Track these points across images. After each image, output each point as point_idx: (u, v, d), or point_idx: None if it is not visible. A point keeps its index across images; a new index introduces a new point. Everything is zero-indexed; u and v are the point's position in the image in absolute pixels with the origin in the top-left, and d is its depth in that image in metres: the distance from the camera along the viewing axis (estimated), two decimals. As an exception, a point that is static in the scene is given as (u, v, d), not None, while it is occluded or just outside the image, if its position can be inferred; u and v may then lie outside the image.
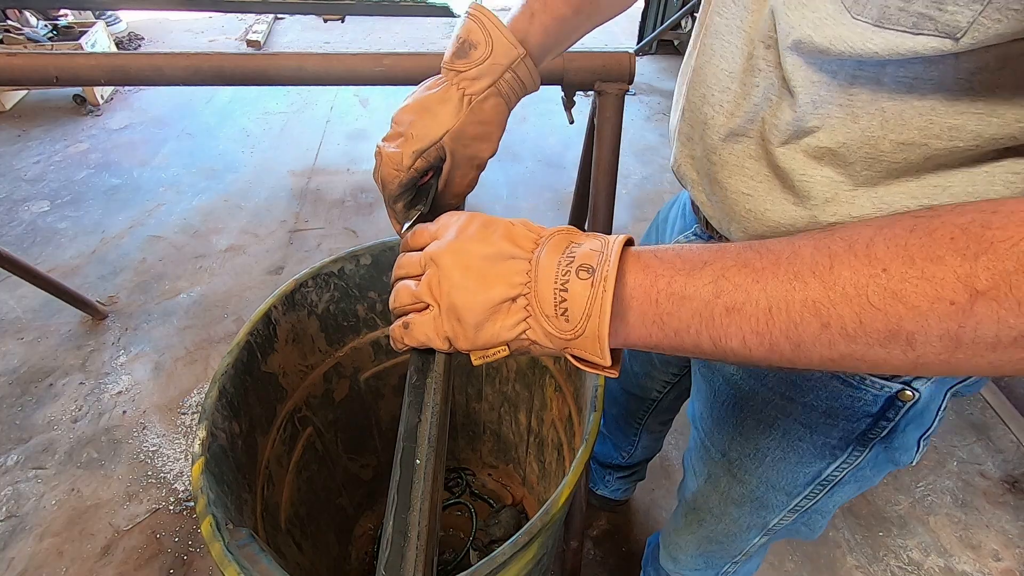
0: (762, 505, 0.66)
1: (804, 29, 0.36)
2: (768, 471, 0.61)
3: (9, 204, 2.25)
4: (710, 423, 0.66)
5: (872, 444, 0.53)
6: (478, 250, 0.36)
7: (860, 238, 0.28)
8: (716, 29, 0.44)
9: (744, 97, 0.44)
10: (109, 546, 1.30)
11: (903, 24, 0.31)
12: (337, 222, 2.22)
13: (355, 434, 1.09)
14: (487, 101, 0.48)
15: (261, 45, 3.43)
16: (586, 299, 0.33)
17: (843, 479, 0.58)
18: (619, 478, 1.30)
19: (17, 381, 1.63)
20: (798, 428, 0.55)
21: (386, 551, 0.34)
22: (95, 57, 0.90)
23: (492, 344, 0.37)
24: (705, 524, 0.76)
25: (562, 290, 0.34)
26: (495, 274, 0.35)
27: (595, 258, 0.33)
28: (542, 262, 0.35)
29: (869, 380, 0.48)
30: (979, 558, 1.33)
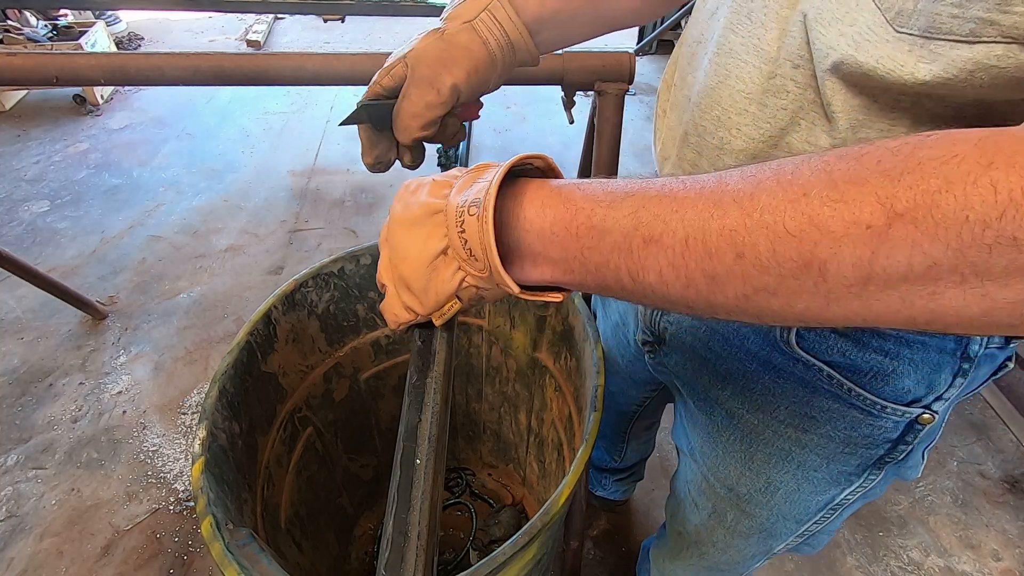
0: (770, 535, 0.64)
1: (844, 48, 0.33)
2: (780, 503, 0.58)
3: (9, 204, 2.25)
4: (713, 459, 0.62)
5: (887, 467, 0.52)
6: (409, 215, 0.36)
7: (788, 166, 0.26)
8: (731, 48, 0.41)
9: (768, 120, 0.41)
10: (109, 546, 1.30)
11: (957, 33, 0.29)
12: (337, 222, 2.22)
13: (355, 434, 1.09)
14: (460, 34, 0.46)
15: (261, 45, 3.43)
16: (478, 234, 0.32)
17: (853, 502, 0.57)
18: (616, 480, 1.30)
19: (17, 381, 1.63)
20: (814, 459, 0.53)
21: (386, 551, 0.34)
22: (95, 57, 0.90)
23: (442, 301, 0.37)
24: (707, 556, 0.74)
25: (461, 232, 0.33)
26: (425, 233, 0.35)
27: (484, 191, 0.32)
28: (449, 206, 0.34)
29: (890, 408, 0.46)
30: (979, 558, 1.33)
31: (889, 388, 0.44)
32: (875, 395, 0.45)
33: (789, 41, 0.38)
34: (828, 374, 0.46)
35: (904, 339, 0.42)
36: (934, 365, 0.43)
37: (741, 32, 0.41)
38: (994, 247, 0.20)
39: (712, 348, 0.54)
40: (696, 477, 0.68)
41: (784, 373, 0.49)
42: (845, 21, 0.33)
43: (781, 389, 0.50)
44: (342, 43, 3.64)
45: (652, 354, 0.65)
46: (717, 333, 0.53)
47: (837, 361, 0.45)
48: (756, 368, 0.50)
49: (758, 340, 0.49)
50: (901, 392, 0.44)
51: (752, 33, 0.40)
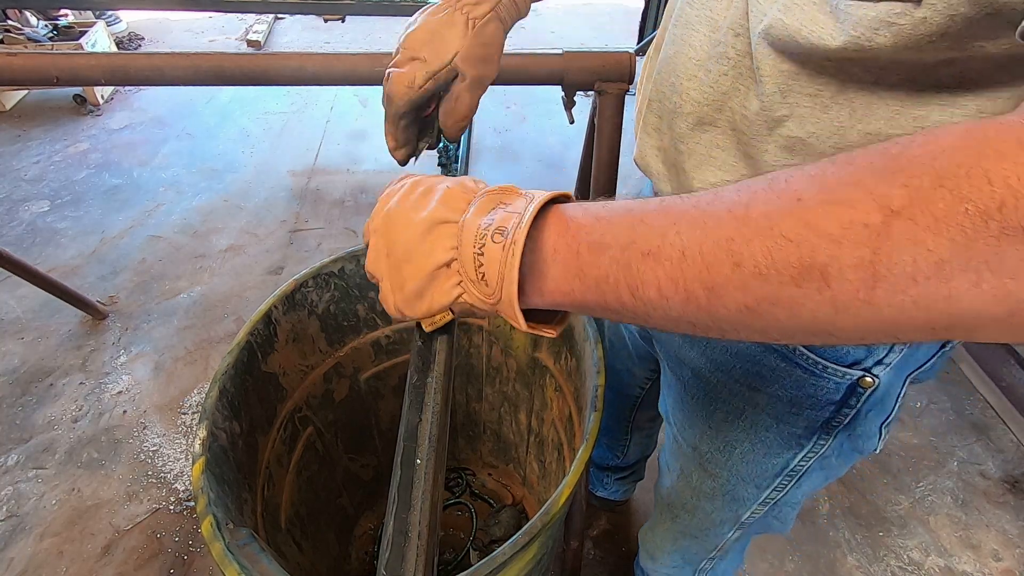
0: (733, 498, 0.67)
1: (774, 12, 0.36)
2: (738, 463, 0.62)
3: (9, 204, 2.25)
4: (680, 417, 0.67)
5: (836, 432, 0.54)
6: (416, 217, 0.36)
7: (782, 175, 0.26)
8: (687, 19, 0.45)
9: (711, 85, 0.44)
10: (109, 546, 1.30)
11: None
12: (337, 222, 2.22)
13: (355, 434, 1.09)
14: (489, 25, 0.49)
15: (261, 45, 3.43)
16: (498, 263, 0.32)
17: (810, 468, 0.59)
18: (617, 479, 1.30)
19: (17, 381, 1.64)
20: (765, 419, 0.56)
21: (386, 551, 0.34)
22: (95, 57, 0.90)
23: (434, 310, 0.37)
24: (679, 519, 0.77)
25: (479, 254, 0.33)
26: (431, 241, 0.35)
27: (512, 220, 0.32)
28: (467, 225, 0.34)
29: (831, 368, 0.48)
30: (979, 558, 1.33)
31: (830, 349, 0.47)
32: (816, 355, 0.48)
33: (733, 11, 0.41)
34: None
35: None
36: None
37: (696, 5, 0.44)
38: (1002, 238, 0.20)
39: None
40: (669, 439, 0.73)
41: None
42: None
43: (737, 348, 0.53)
44: (342, 43, 3.64)
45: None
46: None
47: None
48: None
49: None
50: (841, 353, 0.47)
51: (705, 4, 0.44)
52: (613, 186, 0.99)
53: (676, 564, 0.87)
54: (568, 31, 3.83)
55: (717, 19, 0.43)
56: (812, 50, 0.35)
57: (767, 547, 1.34)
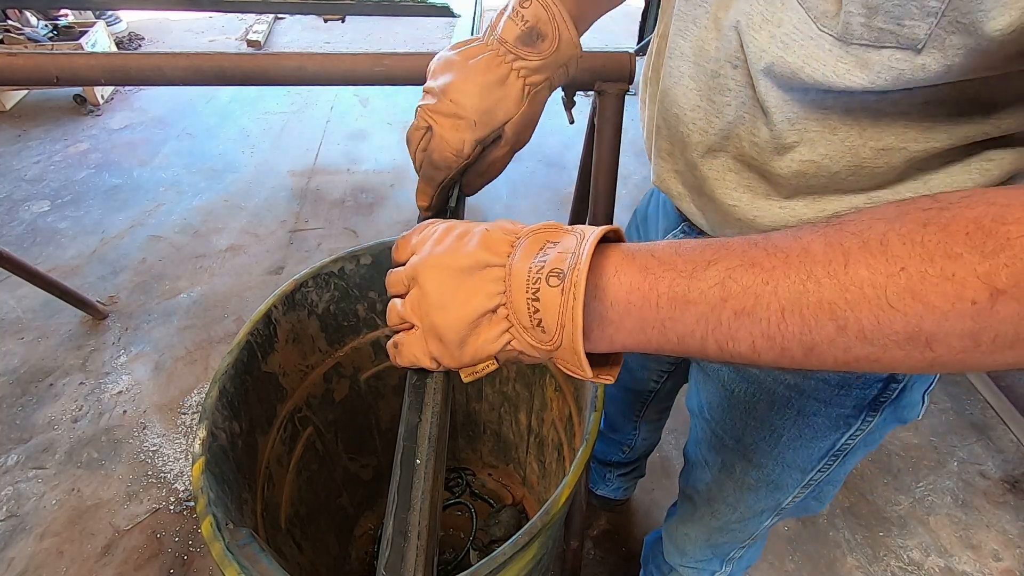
0: (777, 487, 0.66)
1: (774, 51, 0.37)
2: (784, 450, 0.61)
3: (9, 204, 2.25)
4: (720, 412, 0.65)
5: (883, 408, 0.54)
6: (453, 263, 0.34)
7: (873, 234, 0.26)
8: (681, 51, 0.45)
9: (716, 115, 0.45)
10: (109, 546, 1.30)
11: (866, 39, 0.33)
12: (337, 222, 2.23)
13: (355, 434, 1.09)
14: (541, 93, 0.47)
15: (261, 45, 3.43)
16: (558, 308, 0.30)
17: (855, 446, 0.59)
18: (620, 476, 1.31)
19: (17, 381, 1.64)
20: (813, 404, 0.55)
21: (386, 551, 0.34)
22: (95, 57, 0.90)
23: (478, 359, 0.35)
24: (719, 515, 0.76)
25: (534, 299, 0.31)
26: (471, 287, 0.33)
27: (566, 261, 0.31)
28: (515, 269, 0.32)
29: None
30: (979, 558, 1.33)
31: None
32: None
33: (726, 44, 0.41)
34: None
35: None
36: None
37: (688, 36, 0.44)
38: None
39: None
40: (706, 434, 0.70)
41: None
42: (773, 22, 0.37)
43: None
44: (342, 43, 3.64)
45: None
46: None
47: None
48: None
49: None
50: None
51: (697, 36, 0.43)
52: (613, 186, 0.99)
53: (706, 557, 0.86)
54: (568, 31, 3.82)
55: (709, 50, 0.42)
56: (815, 85, 0.36)
57: (767, 547, 1.34)
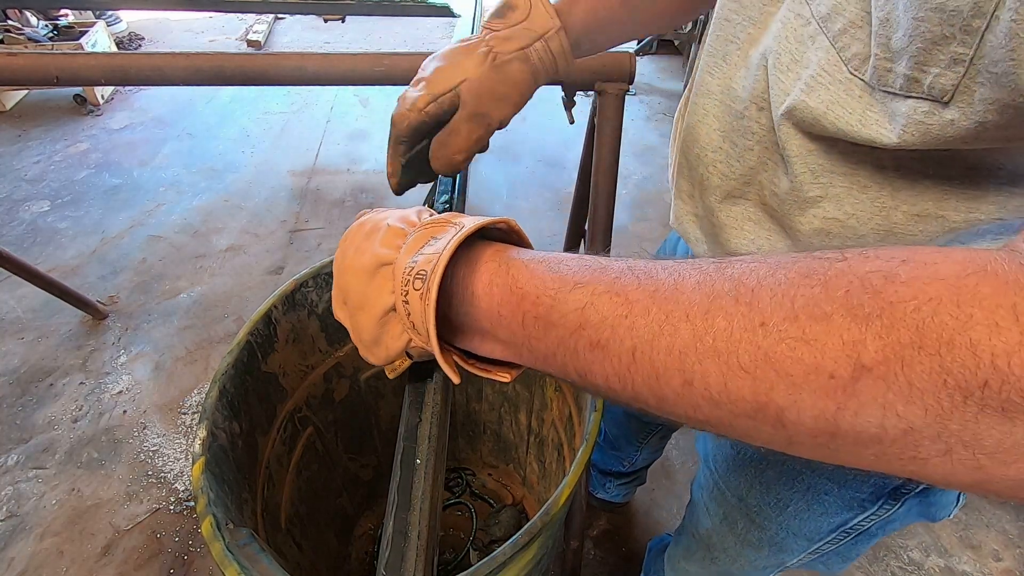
0: (781, 549, 0.63)
1: (796, 93, 0.34)
2: (790, 520, 0.58)
3: (9, 204, 2.25)
4: (726, 468, 0.62)
5: (905, 499, 0.49)
6: (359, 264, 0.34)
7: (750, 280, 0.23)
8: (708, 89, 0.43)
9: (738, 159, 0.42)
10: (109, 546, 1.30)
11: (891, 86, 0.30)
12: (337, 222, 2.22)
13: (355, 434, 1.09)
14: (512, 63, 0.45)
15: (261, 45, 3.43)
16: (421, 313, 0.30)
17: (870, 529, 0.55)
18: (619, 484, 1.31)
19: (17, 381, 1.63)
20: (825, 483, 0.51)
21: (386, 551, 0.34)
22: (95, 57, 0.90)
23: (392, 357, 0.35)
24: (719, 562, 0.73)
25: (405, 302, 0.31)
26: (375, 286, 0.33)
27: (431, 263, 0.30)
28: (396, 267, 0.32)
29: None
30: (979, 558, 1.33)
31: None
32: None
33: (753, 82, 0.38)
34: None
35: None
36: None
37: (717, 74, 0.42)
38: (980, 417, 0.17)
39: None
40: (709, 483, 0.68)
41: None
42: (801, 63, 0.34)
43: None
44: (342, 43, 3.64)
45: None
46: None
47: None
48: None
49: None
50: None
51: (725, 74, 0.41)
52: (613, 186, 0.99)
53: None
54: (568, 31, 3.83)
55: (736, 89, 0.40)
56: (837, 134, 0.33)
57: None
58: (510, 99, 0.46)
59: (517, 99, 0.47)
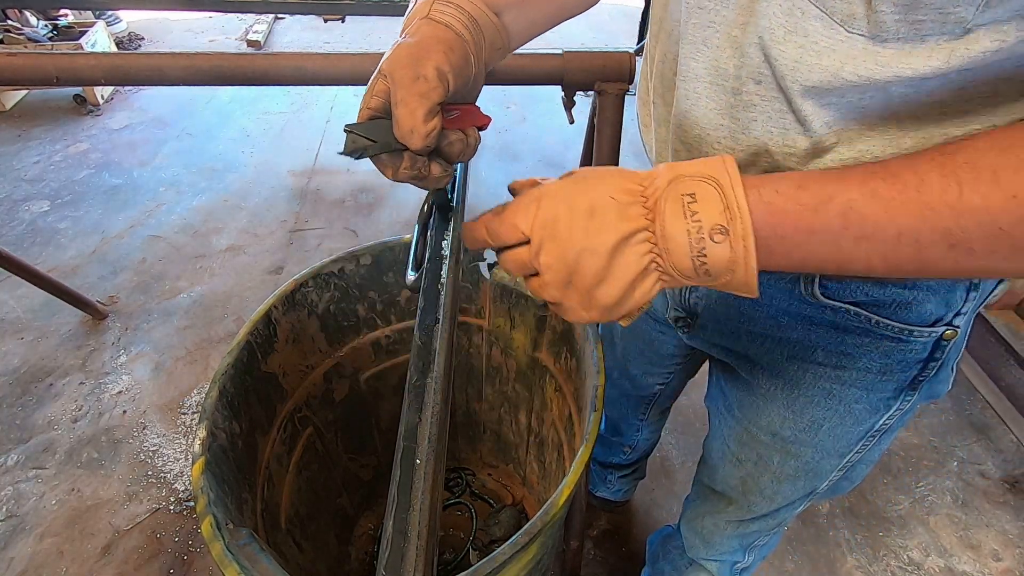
0: (816, 474, 0.66)
1: (809, 59, 0.36)
2: (824, 439, 0.61)
3: (9, 204, 2.25)
4: (754, 411, 0.65)
5: (921, 385, 0.55)
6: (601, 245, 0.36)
7: (984, 164, 0.30)
8: (695, 74, 0.44)
9: (742, 132, 0.44)
10: (109, 546, 1.30)
11: (903, 34, 0.32)
12: (337, 222, 2.23)
13: (355, 434, 1.09)
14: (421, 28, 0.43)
15: (261, 45, 3.43)
16: (727, 259, 0.34)
17: (892, 426, 0.60)
18: (620, 477, 1.31)
19: (17, 381, 1.64)
20: (855, 392, 0.56)
21: (386, 551, 0.34)
22: (95, 57, 0.90)
23: (635, 308, 0.39)
24: (755, 506, 0.75)
25: (701, 257, 0.34)
26: (622, 259, 0.36)
27: (724, 216, 0.34)
28: (668, 232, 0.35)
29: (916, 331, 0.50)
30: (979, 558, 1.33)
31: (913, 314, 0.48)
32: (902, 323, 0.49)
33: (748, 61, 0.40)
34: (855, 312, 0.50)
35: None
36: (949, 286, 0.47)
37: (700, 59, 0.43)
38: None
39: (743, 312, 0.57)
40: (736, 431, 0.70)
41: (814, 320, 0.53)
42: (798, 33, 0.36)
43: (815, 335, 0.54)
44: (342, 43, 3.64)
45: (686, 328, 0.67)
46: (746, 300, 0.56)
47: (861, 300, 0.49)
48: (788, 321, 0.54)
49: (785, 296, 0.53)
50: (925, 315, 0.48)
51: (711, 57, 0.43)
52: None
53: (732, 548, 0.86)
54: (568, 31, 3.83)
55: (727, 68, 0.42)
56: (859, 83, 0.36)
57: (767, 547, 1.34)
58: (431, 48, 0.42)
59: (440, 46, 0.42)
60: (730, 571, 0.90)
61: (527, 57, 0.93)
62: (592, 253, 0.36)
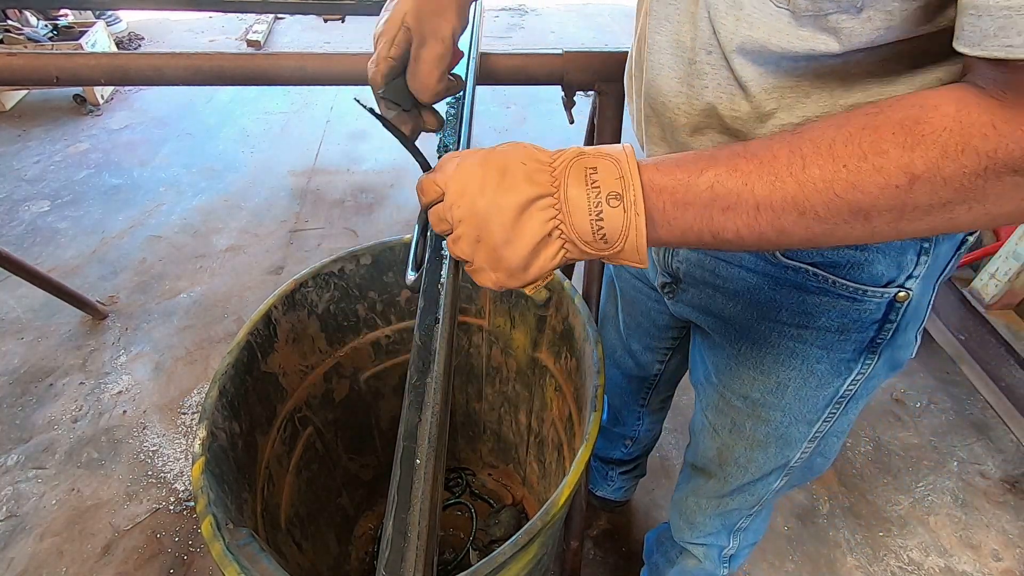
0: (786, 442, 0.69)
1: (743, 31, 0.42)
2: (791, 402, 0.65)
3: (9, 204, 2.25)
4: (728, 373, 0.69)
5: (880, 349, 0.59)
6: (507, 203, 0.39)
7: (823, 139, 0.34)
8: (660, 46, 0.50)
9: (696, 98, 0.49)
10: (109, 546, 1.30)
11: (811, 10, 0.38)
12: (337, 222, 2.23)
13: (355, 434, 1.09)
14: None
15: (261, 45, 3.43)
16: (621, 223, 0.38)
17: (856, 393, 0.63)
18: (621, 474, 1.31)
19: (17, 381, 1.64)
20: (815, 351, 0.60)
21: (386, 551, 0.34)
22: (95, 57, 0.90)
23: (540, 277, 0.41)
24: (731, 478, 0.78)
25: (598, 219, 0.38)
26: (528, 219, 0.39)
27: (619, 184, 0.38)
28: (571, 197, 0.38)
29: (870, 291, 0.54)
30: (979, 558, 1.33)
31: (865, 274, 0.53)
32: (855, 282, 0.54)
33: (700, 33, 0.46)
34: (814, 273, 0.55)
35: None
36: (898, 249, 0.51)
37: (663, 32, 0.49)
38: (986, 184, 0.31)
39: (719, 273, 0.62)
40: (714, 399, 0.74)
41: (780, 280, 0.58)
42: (736, 6, 0.42)
43: (780, 295, 0.59)
44: (342, 43, 3.64)
45: (671, 294, 0.71)
46: (720, 260, 0.61)
47: (818, 261, 0.54)
48: (757, 281, 0.59)
49: (751, 257, 0.58)
50: (876, 276, 0.53)
51: (672, 31, 0.48)
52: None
53: (715, 529, 0.88)
54: (568, 31, 3.83)
55: (685, 41, 0.47)
56: (783, 54, 0.41)
57: (767, 547, 1.34)
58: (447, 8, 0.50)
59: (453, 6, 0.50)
60: (718, 557, 0.92)
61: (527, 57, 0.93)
62: (500, 210, 0.39)
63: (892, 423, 1.61)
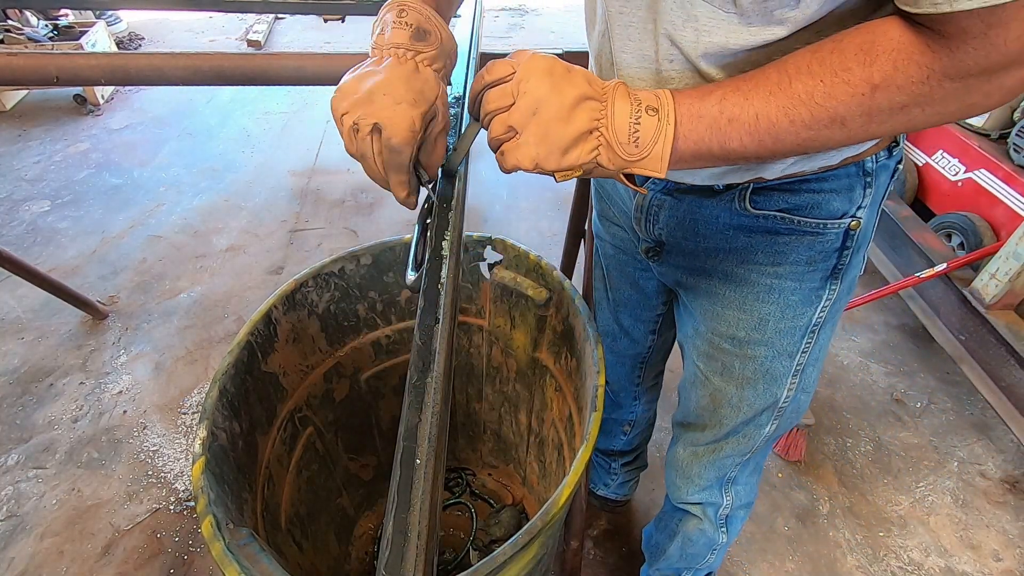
0: (772, 378, 0.76)
1: (703, 39, 0.50)
2: (772, 336, 0.72)
3: (9, 204, 2.26)
4: (713, 317, 0.76)
5: (841, 275, 0.67)
6: (571, 91, 0.46)
7: (803, 62, 0.44)
8: (627, 62, 0.57)
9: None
10: (109, 546, 1.30)
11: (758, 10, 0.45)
12: (337, 222, 2.23)
13: (355, 434, 1.09)
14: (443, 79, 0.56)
15: (261, 45, 3.43)
16: (654, 130, 0.46)
17: (825, 320, 0.71)
18: (624, 465, 1.31)
19: (17, 381, 1.64)
20: (789, 284, 0.68)
21: (386, 551, 0.34)
22: (95, 57, 0.90)
23: (573, 166, 0.48)
24: (725, 420, 0.82)
25: (636, 123, 0.46)
26: (579, 112, 0.46)
27: (656, 101, 0.47)
28: (617, 104, 0.47)
29: (829, 224, 0.63)
30: (979, 558, 1.33)
31: (824, 211, 0.62)
32: (817, 219, 0.62)
33: (661, 49, 0.54)
34: (781, 217, 0.63)
35: (822, 177, 0.60)
36: (848, 186, 0.61)
37: (629, 50, 0.57)
38: (933, 90, 0.41)
39: (698, 231, 0.69)
40: (702, 348, 0.80)
41: (752, 229, 0.66)
42: (691, 20, 0.49)
43: (754, 241, 0.66)
44: (342, 43, 3.64)
45: (656, 258, 0.77)
46: (698, 220, 0.69)
47: (783, 207, 0.63)
48: (732, 232, 0.67)
49: (726, 213, 0.66)
50: (833, 211, 0.62)
51: (637, 48, 0.56)
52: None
53: (709, 483, 0.91)
54: (568, 31, 3.83)
55: (649, 55, 0.55)
56: (743, 48, 0.49)
57: (767, 547, 1.34)
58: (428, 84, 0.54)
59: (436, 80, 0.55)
60: (715, 516, 0.95)
61: (527, 57, 0.93)
62: (562, 94, 0.46)
63: (892, 423, 1.61)
